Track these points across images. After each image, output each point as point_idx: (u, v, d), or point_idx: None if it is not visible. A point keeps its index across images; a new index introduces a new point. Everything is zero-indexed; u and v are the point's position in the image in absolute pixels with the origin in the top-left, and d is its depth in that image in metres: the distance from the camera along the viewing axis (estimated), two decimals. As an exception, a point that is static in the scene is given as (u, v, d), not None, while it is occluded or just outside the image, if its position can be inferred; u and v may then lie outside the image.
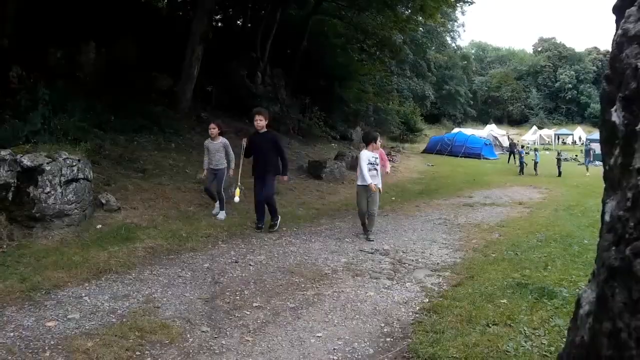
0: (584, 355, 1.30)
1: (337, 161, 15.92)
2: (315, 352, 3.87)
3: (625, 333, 1.06)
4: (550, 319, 4.40)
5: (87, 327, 4.03)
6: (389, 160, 24.74)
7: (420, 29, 30.52)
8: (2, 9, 12.44)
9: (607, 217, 1.30)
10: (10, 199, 6.45)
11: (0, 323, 4.01)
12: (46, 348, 3.65)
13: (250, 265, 6.15)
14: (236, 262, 6.24)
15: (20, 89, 10.60)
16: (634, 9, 1.37)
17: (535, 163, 23.79)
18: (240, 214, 8.78)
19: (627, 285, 1.08)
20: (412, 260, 6.66)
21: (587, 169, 24.44)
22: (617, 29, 1.42)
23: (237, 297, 4.99)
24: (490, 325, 4.28)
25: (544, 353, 3.79)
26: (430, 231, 8.83)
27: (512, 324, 4.30)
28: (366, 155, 8.01)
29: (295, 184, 12.87)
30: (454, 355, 3.72)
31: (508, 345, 3.85)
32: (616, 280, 1.13)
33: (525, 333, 4.11)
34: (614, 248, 1.18)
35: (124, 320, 4.23)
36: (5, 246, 5.87)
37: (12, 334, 3.84)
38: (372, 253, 6.97)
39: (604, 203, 1.38)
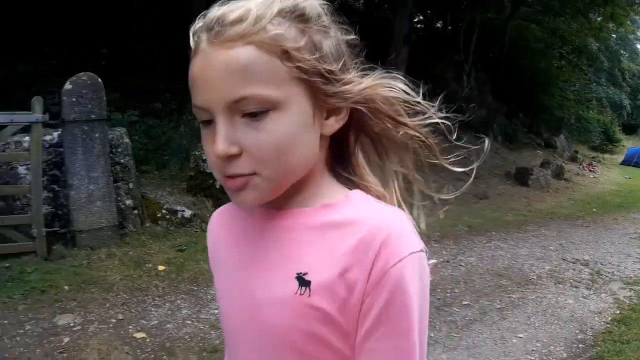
0: None
1: (543, 169, 15.79)
2: (515, 352, 4.13)
3: None
4: None
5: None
6: (590, 172, 22.76)
7: (613, 35, 28.39)
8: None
9: None
10: (217, 186, 6.70)
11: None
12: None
13: (461, 265, 6.42)
14: (447, 261, 6.46)
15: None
16: None
17: None
18: (450, 214, 9.25)
19: None
20: (609, 273, 6.71)
21: None
22: None
23: (448, 295, 5.29)
24: (675, 340, 4.38)
25: None
26: (626, 245, 8.62)
27: (699, 341, 4.35)
28: None
29: (504, 190, 13.17)
30: (636, 365, 4.03)
31: (692, 362, 3.99)
32: None
33: None
34: None
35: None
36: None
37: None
38: (573, 263, 7.06)
39: None
